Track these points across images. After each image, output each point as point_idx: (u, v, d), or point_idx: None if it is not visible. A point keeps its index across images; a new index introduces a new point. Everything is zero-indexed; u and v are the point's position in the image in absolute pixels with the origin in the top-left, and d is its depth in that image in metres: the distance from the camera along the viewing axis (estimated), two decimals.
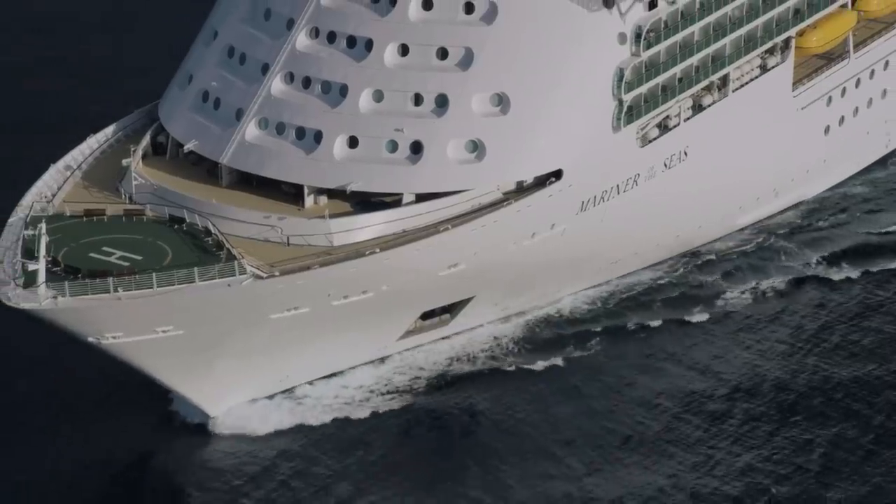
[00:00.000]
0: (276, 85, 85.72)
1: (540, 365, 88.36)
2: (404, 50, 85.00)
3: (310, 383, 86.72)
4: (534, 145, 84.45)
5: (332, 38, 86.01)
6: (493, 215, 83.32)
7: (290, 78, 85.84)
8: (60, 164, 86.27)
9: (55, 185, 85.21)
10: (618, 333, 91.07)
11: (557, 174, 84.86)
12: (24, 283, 77.45)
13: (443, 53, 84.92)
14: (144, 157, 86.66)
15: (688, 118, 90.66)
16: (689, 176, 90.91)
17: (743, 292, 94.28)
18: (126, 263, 79.37)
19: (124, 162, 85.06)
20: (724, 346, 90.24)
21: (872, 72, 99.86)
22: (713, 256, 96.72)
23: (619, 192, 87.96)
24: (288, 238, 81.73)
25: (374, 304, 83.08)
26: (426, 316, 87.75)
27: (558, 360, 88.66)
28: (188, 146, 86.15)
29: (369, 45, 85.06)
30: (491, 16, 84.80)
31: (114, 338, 79.50)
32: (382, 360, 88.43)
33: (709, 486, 79.86)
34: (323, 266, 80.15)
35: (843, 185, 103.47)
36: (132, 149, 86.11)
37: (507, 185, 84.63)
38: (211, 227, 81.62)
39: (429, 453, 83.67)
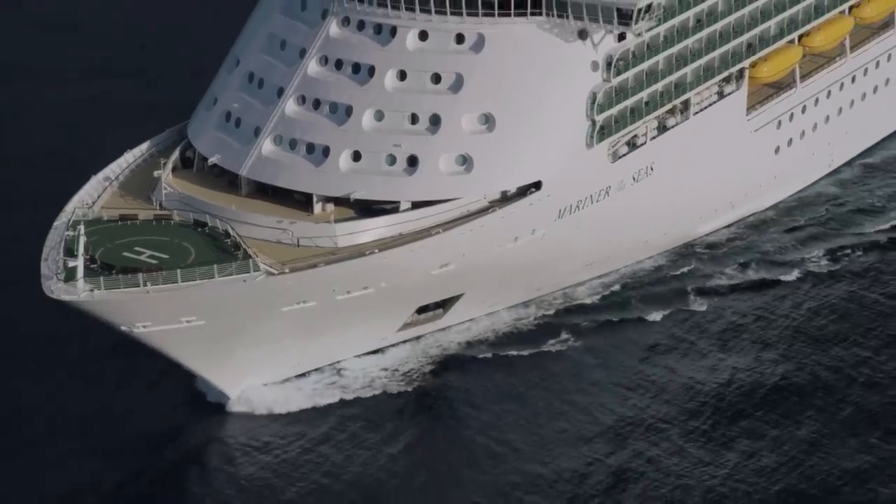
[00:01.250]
0: (290, 106, 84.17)
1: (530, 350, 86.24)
2: (402, 75, 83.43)
3: (318, 369, 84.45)
4: (516, 159, 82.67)
5: (339, 65, 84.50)
6: (479, 221, 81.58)
7: (302, 100, 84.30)
8: (100, 175, 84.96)
9: (95, 194, 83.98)
10: (611, 324, 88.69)
11: (537, 185, 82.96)
12: (65, 277, 76.61)
13: (436, 78, 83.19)
14: (174, 169, 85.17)
15: (653, 137, 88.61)
16: (654, 189, 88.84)
17: (737, 285, 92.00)
18: (154, 261, 78.19)
19: (156, 173, 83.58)
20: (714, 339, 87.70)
21: (817, 100, 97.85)
22: (706, 250, 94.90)
23: (592, 202, 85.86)
24: (298, 240, 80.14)
25: (374, 299, 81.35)
26: (421, 310, 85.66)
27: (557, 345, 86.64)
28: (212, 160, 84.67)
29: (371, 71, 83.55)
30: (479, 46, 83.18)
31: (143, 327, 78.15)
32: (383, 349, 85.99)
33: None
34: (328, 264, 78.74)
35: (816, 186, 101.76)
36: (163, 162, 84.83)
37: (493, 195, 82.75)
38: (230, 230, 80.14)
39: (430, 429, 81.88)
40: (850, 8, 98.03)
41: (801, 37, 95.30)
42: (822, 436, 78.61)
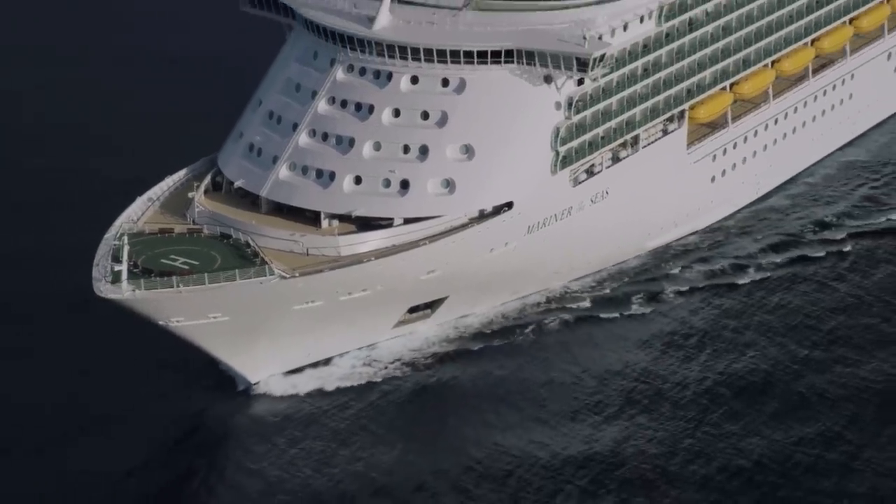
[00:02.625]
0: (303, 139, 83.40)
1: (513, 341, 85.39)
2: (397, 113, 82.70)
3: (327, 359, 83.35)
4: (492, 183, 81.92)
5: (344, 104, 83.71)
6: (460, 234, 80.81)
7: (313, 133, 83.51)
8: (144, 196, 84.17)
9: (139, 212, 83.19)
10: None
11: (510, 205, 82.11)
12: (111, 280, 76.20)
13: (425, 115, 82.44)
14: (206, 191, 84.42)
15: (608, 166, 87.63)
16: (609, 210, 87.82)
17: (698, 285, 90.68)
18: (186, 267, 77.50)
19: (190, 195, 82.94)
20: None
21: (745, 138, 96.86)
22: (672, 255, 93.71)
23: (556, 220, 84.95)
24: (307, 250, 79.32)
25: (372, 299, 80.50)
26: (412, 310, 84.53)
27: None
28: (237, 183, 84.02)
29: (371, 109, 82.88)
30: (461, 88, 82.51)
31: (177, 321, 77.54)
32: (383, 343, 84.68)
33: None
34: (332, 270, 78.12)
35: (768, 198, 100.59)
36: (196, 185, 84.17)
37: (472, 213, 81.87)
38: (250, 242, 79.34)
39: (423, 413, 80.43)
40: (773, 62, 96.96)
41: (731, 85, 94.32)
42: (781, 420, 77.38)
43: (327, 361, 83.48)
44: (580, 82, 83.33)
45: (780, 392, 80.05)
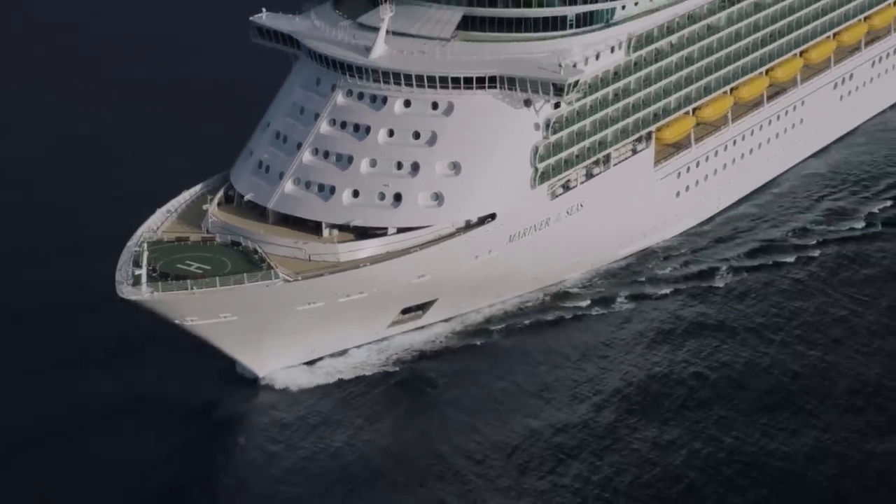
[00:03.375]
0: (307, 157, 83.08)
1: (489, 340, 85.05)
2: (391, 133, 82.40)
3: (329, 356, 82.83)
4: (477, 197, 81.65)
5: (343, 125, 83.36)
6: (448, 243, 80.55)
7: (316, 151, 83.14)
8: (164, 208, 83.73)
9: (159, 222, 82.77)
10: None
11: (493, 216, 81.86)
12: (132, 282, 76.02)
13: (416, 135, 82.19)
14: (219, 204, 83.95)
15: (583, 182, 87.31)
16: (584, 221, 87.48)
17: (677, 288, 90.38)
18: (200, 271, 77.24)
19: (204, 207, 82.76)
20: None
21: (707, 157, 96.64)
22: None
23: (536, 230, 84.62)
24: (309, 256, 78.99)
25: (368, 301, 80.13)
26: (405, 311, 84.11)
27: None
28: (247, 197, 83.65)
29: (368, 129, 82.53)
30: (449, 111, 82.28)
31: (191, 320, 77.23)
32: (378, 341, 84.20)
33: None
34: (332, 274, 77.77)
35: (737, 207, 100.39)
36: (210, 198, 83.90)
37: (458, 223, 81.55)
38: (258, 249, 79.07)
39: (411, 405, 79.97)
40: (731, 89, 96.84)
41: (694, 109, 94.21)
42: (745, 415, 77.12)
43: (329, 357, 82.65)
44: (557, 106, 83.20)
45: (758, 383, 79.75)
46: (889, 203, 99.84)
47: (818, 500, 70.89)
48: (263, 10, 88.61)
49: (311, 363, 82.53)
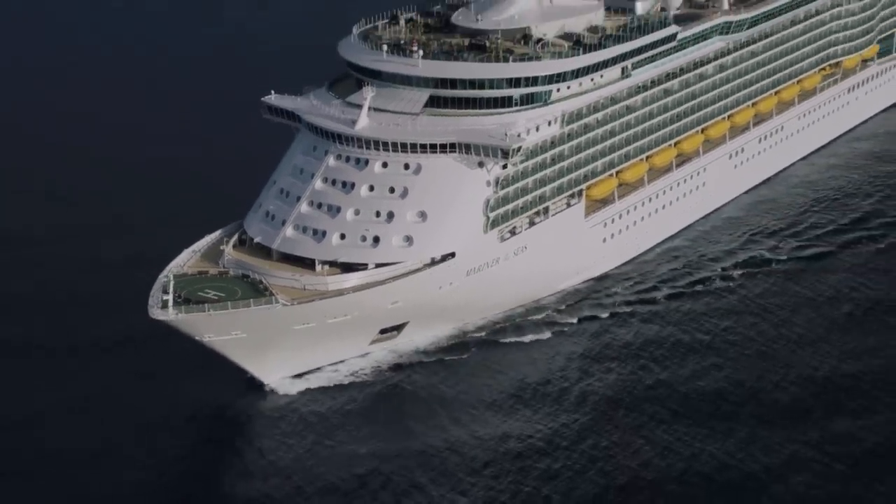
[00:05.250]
0: (304, 207, 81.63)
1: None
2: (371, 188, 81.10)
3: (322, 366, 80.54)
4: (440, 239, 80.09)
5: (333, 182, 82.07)
6: (416, 275, 78.97)
7: (311, 203, 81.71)
8: (189, 249, 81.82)
9: (185, 259, 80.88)
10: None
11: (453, 254, 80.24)
12: (161, 306, 74.35)
13: (392, 190, 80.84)
14: (234, 245, 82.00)
15: (526, 228, 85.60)
16: (528, 261, 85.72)
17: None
18: (216, 297, 75.52)
19: (222, 247, 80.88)
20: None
21: (628, 211, 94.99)
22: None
23: (488, 267, 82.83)
24: (304, 286, 77.36)
25: (352, 323, 78.33)
26: (383, 331, 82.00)
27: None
28: (256, 239, 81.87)
29: (353, 185, 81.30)
30: (418, 170, 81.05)
31: (209, 337, 75.37)
32: (362, 356, 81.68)
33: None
34: (321, 300, 76.27)
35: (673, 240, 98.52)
36: (226, 241, 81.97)
37: (425, 260, 79.83)
38: (263, 280, 77.49)
39: (398, 408, 77.72)
40: (647, 157, 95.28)
41: (617, 172, 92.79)
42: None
43: (321, 368, 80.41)
44: (504, 167, 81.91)
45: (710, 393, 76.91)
46: (786, 241, 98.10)
47: None
48: (272, 92, 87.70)
49: (307, 373, 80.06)
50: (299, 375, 79.75)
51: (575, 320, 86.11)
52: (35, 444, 73.50)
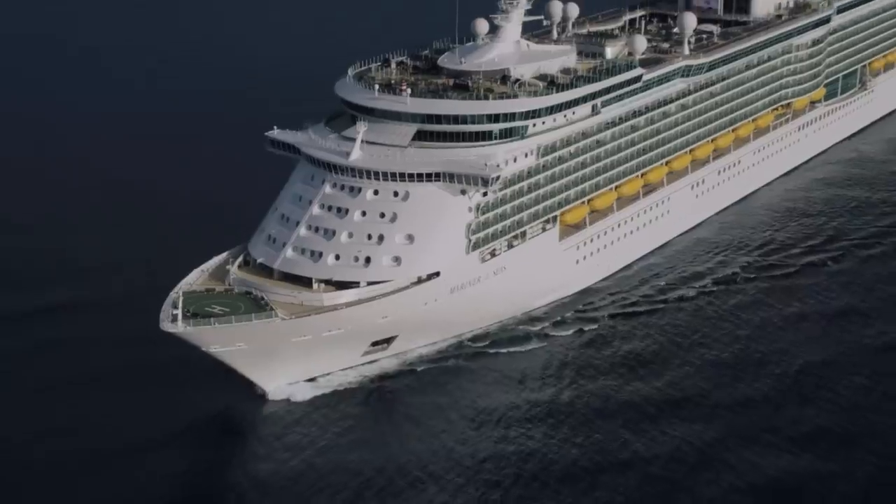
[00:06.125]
0: (302, 231, 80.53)
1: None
2: (364, 213, 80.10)
3: (318, 376, 78.98)
4: (426, 259, 79.02)
5: (329, 208, 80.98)
6: (404, 293, 77.81)
7: (309, 227, 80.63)
8: (199, 269, 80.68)
9: (195, 278, 79.81)
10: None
11: (437, 274, 79.16)
12: (171, 320, 73.18)
13: (382, 215, 79.82)
14: (239, 266, 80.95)
15: (505, 250, 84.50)
16: (507, 280, 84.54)
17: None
18: (221, 312, 74.28)
19: (228, 267, 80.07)
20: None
21: (599, 235, 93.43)
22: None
23: (470, 285, 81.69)
24: (302, 302, 76.12)
25: (345, 336, 77.10)
26: (374, 343, 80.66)
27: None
28: (259, 260, 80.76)
29: (347, 211, 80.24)
30: (406, 197, 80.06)
31: (214, 348, 74.00)
32: (355, 366, 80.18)
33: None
34: (317, 315, 75.10)
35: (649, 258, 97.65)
36: (232, 261, 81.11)
37: (412, 278, 78.74)
38: (264, 297, 76.44)
39: (391, 416, 76.12)
40: (616, 187, 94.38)
41: (588, 200, 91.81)
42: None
43: (317, 377, 78.90)
44: (485, 194, 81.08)
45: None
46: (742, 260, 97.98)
47: None
48: (275, 127, 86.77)
49: (304, 382, 78.26)
50: (298, 383, 78.22)
51: (562, 332, 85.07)
52: (31, 455, 71.72)
